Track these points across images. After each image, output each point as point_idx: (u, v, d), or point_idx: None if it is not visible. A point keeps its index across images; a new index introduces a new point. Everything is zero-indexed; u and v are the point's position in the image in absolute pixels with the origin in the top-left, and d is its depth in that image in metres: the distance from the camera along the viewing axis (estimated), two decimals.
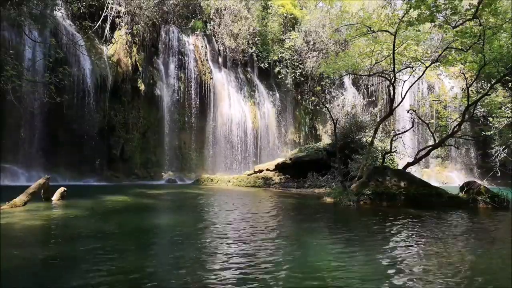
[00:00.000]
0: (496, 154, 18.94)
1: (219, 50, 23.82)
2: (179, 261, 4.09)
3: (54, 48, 14.28)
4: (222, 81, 23.15)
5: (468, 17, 10.91)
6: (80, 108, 16.91)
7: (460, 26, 11.06)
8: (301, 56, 25.71)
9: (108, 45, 19.00)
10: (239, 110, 23.18)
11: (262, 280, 3.44)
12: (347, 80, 27.56)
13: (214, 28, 23.50)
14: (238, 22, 23.46)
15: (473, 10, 10.34)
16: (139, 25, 19.95)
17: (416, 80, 14.03)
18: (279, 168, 17.91)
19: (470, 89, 12.38)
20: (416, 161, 12.49)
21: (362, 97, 25.17)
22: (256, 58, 25.03)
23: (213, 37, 23.61)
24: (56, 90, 11.41)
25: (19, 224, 5.87)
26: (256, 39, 24.42)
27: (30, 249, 4.55)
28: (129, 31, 19.62)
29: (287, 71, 25.66)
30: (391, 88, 13.57)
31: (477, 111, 15.23)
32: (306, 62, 25.55)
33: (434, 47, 18.49)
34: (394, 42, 11.69)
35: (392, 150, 13.54)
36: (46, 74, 12.22)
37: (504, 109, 16.88)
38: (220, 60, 23.93)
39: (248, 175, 18.23)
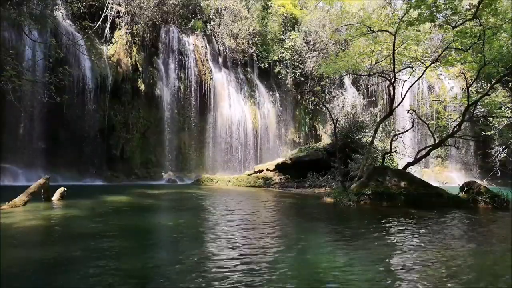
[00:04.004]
0: (496, 154, 18.93)
1: (219, 50, 23.82)
2: (179, 261, 4.09)
3: (54, 48, 14.27)
4: (222, 81, 23.15)
5: (468, 17, 10.91)
6: (80, 108, 16.91)
7: (460, 26, 11.06)
8: (301, 56, 25.72)
9: (108, 45, 19.00)
10: (239, 110, 23.18)
11: (262, 280, 3.44)
12: (347, 80, 27.56)
13: (214, 28, 23.50)
14: (238, 22, 23.47)
15: (473, 10, 10.36)
16: (139, 25, 19.96)
17: (416, 80, 14.04)
18: (279, 168, 17.91)
19: (470, 89, 12.38)
20: (416, 161, 12.49)
21: (362, 97, 25.14)
22: (256, 58, 25.04)
23: (213, 37, 23.61)
24: (56, 90, 11.39)
25: (19, 224, 5.87)
26: (256, 39, 24.42)
27: (30, 249, 4.55)
28: (129, 31, 19.63)
29: (287, 71, 25.66)
30: (391, 88, 13.57)
31: (477, 111, 15.22)
32: (306, 62, 25.55)
33: (434, 47, 18.48)
34: (394, 42, 11.69)
35: (392, 150, 13.54)
36: (46, 74, 12.20)
37: (504, 109, 16.88)
38: (220, 60, 23.93)
39: (248, 175, 18.24)
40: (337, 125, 13.81)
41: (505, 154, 18.80)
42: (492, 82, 12.35)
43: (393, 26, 12.21)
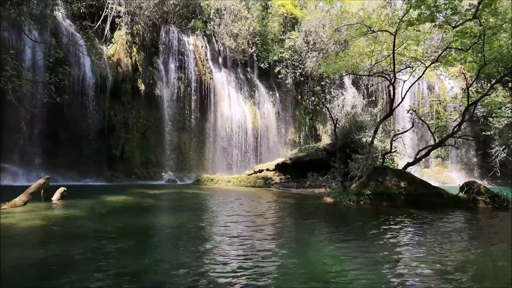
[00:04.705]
0: (496, 154, 18.93)
1: (219, 50, 23.83)
2: (179, 262, 4.09)
3: (54, 48, 14.27)
4: (222, 81, 23.15)
5: (468, 17, 10.91)
6: (80, 108, 16.92)
7: (460, 26, 11.06)
8: (301, 56, 25.71)
9: (108, 45, 19.00)
10: (239, 110, 23.19)
11: (262, 281, 3.43)
12: (347, 80, 27.56)
13: (214, 28, 23.50)
14: (238, 22, 23.47)
15: (473, 10, 10.35)
16: (139, 25, 19.96)
17: (416, 80, 14.03)
18: (279, 168, 17.91)
19: (470, 89, 12.37)
20: (416, 161, 12.49)
21: (362, 97, 25.17)
22: (256, 58, 25.04)
23: (213, 37, 23.61)
24: (56, 90, 11.40)
25: (19, 224, 5.87)
26: (256, 39, 24.42)
27: (30, 249, 4.55)
28: (129, 31, 19.63)
29: (287, 71, 25.66)
30: (391, 88, 13.57)
31: (477, 111, 15.21)
32: (306, 62, 25.55)
33: (434, 47, 18.48)
34: (394, 42, 11.69)
35: (392, 150, 13.54)
36: (46, 74, 12.21)
37: (504, 109, 16.88)
38: (220, 60, 23.93)
39: (248, 175, 18.23)
40: (337, 125, 13.81)
41: (505, 154, 18.80)
42: (492, 82, 12.35)
43: (393, 26, 12.21)
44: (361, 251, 4.67)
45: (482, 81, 19.70)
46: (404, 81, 13.36)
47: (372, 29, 12.44)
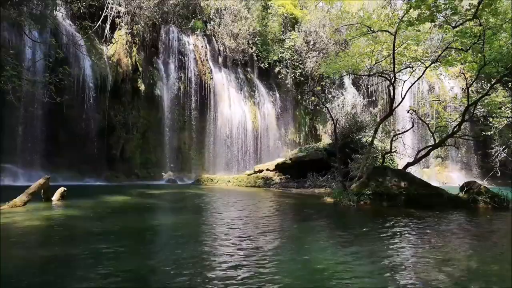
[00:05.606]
0: (496, 154, 18.92)
1: (219, 50, 23.82)
2: (179, 262, 4.08)
3: (54, 48, 14.27)
4: (222, 81, 23.15)
5: (468, 17, 10.89)
6: (80, 108, 16.91)
7: (460, 26, 11.05)
8: (301, 56, 25.71)
9: (108, 45, 19.00)
10: (239, 110, 23.18)
11: (262, 281, 3.43)
12: (347, 80, 27.55)
13: (214, 28, 23.50)
14: (238, 22, 23.46)
15: (473, 10, 10.32)
16: (139, 25, 19.96)
17: (416, 80, 14.02)
18: (279, 168, 17.91)
19: (470, 89, 12.37)
20: (416, 161, 12.48)
21: (362, 97, 25.17)
22: (256, 58, 25.03)
23: (213, 37, 23.61)
24: (56, 90, 11.41)
25: (19, 224, 5.87)
26: (256, 39, 24.42)
27: (30, 249, 4.55)
28: (129, 31, 19.63)
29: (287, 71, 25.66)
30: (391, 88, 13.57)
31: (477, 111, 15.19)
32: (306, 62, 25.55)
33: (434, 47, 18.45)
34: (394, 42, 11.68)
35: (392, 150, 13.54)
36: (46, 74, 12.21)
37: (504, 109, 16.85)
38: (220, 60, 23.93)
39: (248, 175, 18.24)
40: (337, 125, 13.81)
41: (505, 154, 18.78)
42: (492, 82, 12.34)
43: (393, 26, 12.20)
44: (361, 251, 4.66)
45: (482, 81, 19.66)
46: (404, 81, 13.35)
47: (372, 29, 12.43)
